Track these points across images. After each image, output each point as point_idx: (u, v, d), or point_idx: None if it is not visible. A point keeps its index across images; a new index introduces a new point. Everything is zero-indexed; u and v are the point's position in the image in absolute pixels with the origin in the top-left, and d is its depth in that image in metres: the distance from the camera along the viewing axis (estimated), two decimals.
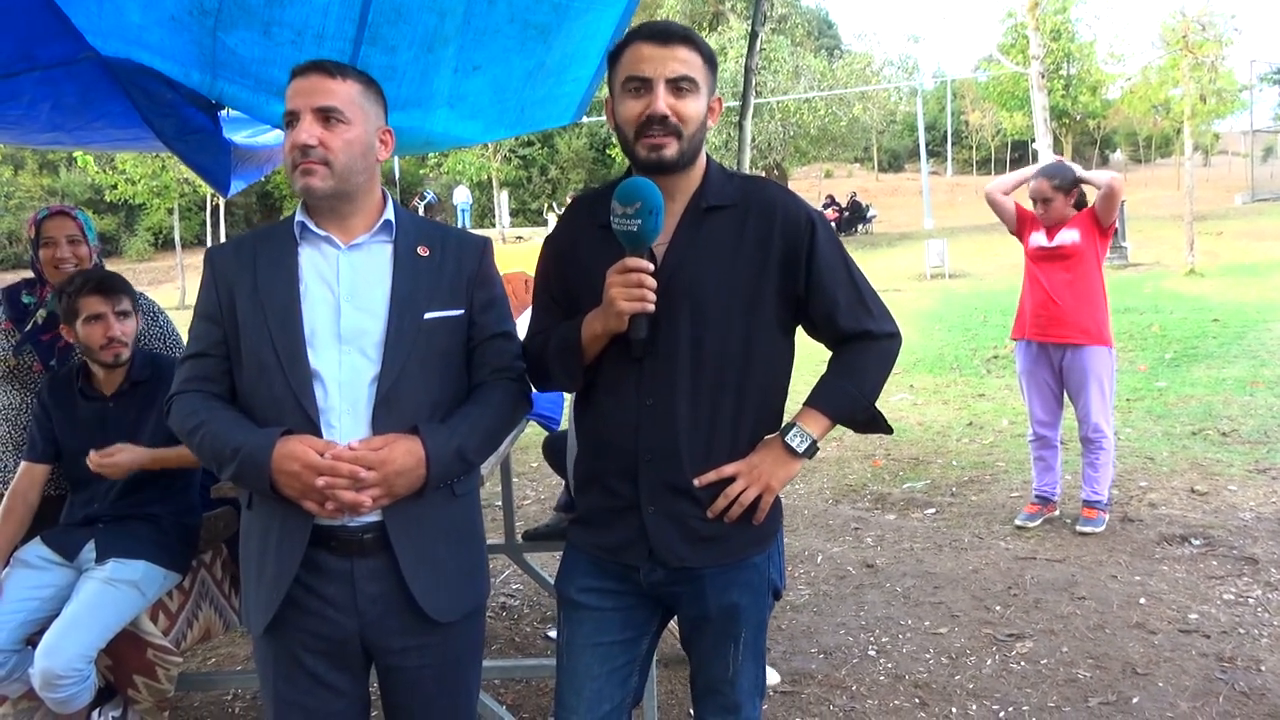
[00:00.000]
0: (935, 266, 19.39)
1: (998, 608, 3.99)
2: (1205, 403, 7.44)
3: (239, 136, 3.64)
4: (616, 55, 1.82)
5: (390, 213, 1.91)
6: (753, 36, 3.99)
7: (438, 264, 1.91)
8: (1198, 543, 4.59)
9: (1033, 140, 19.65)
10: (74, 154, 22.83)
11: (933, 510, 5.40)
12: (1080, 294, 4.76)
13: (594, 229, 1.87)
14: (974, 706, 3.22)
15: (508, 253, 11.90)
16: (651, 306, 1.74)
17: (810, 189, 37.67)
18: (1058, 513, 5.07)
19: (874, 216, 31.84)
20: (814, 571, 4.53)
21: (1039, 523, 4.98)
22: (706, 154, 1.89)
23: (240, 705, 3.47)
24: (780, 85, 30.12)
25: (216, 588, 3.03)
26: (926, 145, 36.27)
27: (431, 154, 27.55)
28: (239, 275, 1.86)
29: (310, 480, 1.71)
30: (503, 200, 31.00)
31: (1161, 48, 21.39)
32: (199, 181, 19.71)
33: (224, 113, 3.29)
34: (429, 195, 31.05)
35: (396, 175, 33.49)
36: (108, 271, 2.90)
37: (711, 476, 1.82)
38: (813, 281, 1.84)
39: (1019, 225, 5.03)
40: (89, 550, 2.72)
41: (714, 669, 1.95)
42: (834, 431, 1.91)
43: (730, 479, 1.83)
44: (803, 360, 1.97)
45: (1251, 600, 3.92)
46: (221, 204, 26.26)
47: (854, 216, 30.83)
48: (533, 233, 29.11)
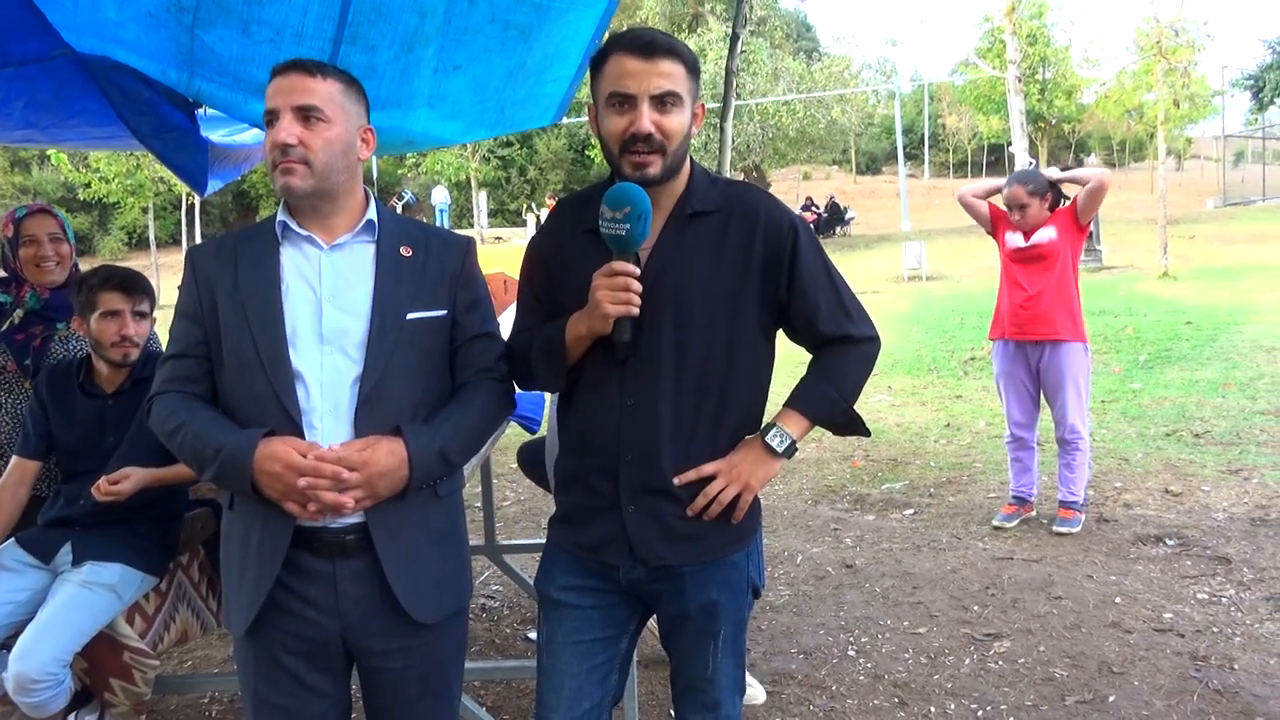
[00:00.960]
0: (912, 269, 19.50)
1: (975, 607, 4.02)
2: (1179, 404, 7.53)
3: (216, 135, 3.60)
4: (599, 63, 1.80)
5: (373, 212, 1.90)
6: (734, 39, 4.00)
7: (421, 264, 1.90)
8: (1172, 543, 4.64)
9: (1009, 144, 19.82)
10: (47, 151, 22.55)
11: (911, 511, 5.43)
12: (1056, 291, 4.81)
13: (580, 231, 1.88)
14: (952, 705, 3.24)
15: (487, 253, 11.89)
16: (636, 310, 1.74)
17: (788, 191, 37.79)
18: (1034, 513, 5.11)
19: (852, 219, 31.97)
20: (793, 572, 4.55)
21: (1016, 523, 5.02)
22: (691, 158, 1.89)
23: (218, 708, 3.44)
24: (759, 87, 30.20)
25: (194, 590, 3.00)
26: (904, 148, 36.47)
27: (410, 154, 27.43)
28: (220, 275, 1.84)
29: (292, 481, 1.70)
30: (481, 201, 30.92)
31: (1135, 53, 21.59)
32: (174, 180, 19.53)
33: (201, 111, 3.25)
34: (407, 195, 30.93)
35: (374, 175, 33.32)
36: (133, 270, 2.86)
37: (691, 475, 1.83)
38: (794, 286, 1.85)
39: (994, 225, 5.06)
40: (65, 553, 2.68)
41: (694, 667, 1.96)
42: (813, 433, 1.93)
43: (710, 478, 1.84)
44: (781, 362, 1.98)
45: (1225, 600, 3.97)
46: (197, 203, 26.01)
47: (832, 219, 30.97)
48: (511, 233, 29.05)
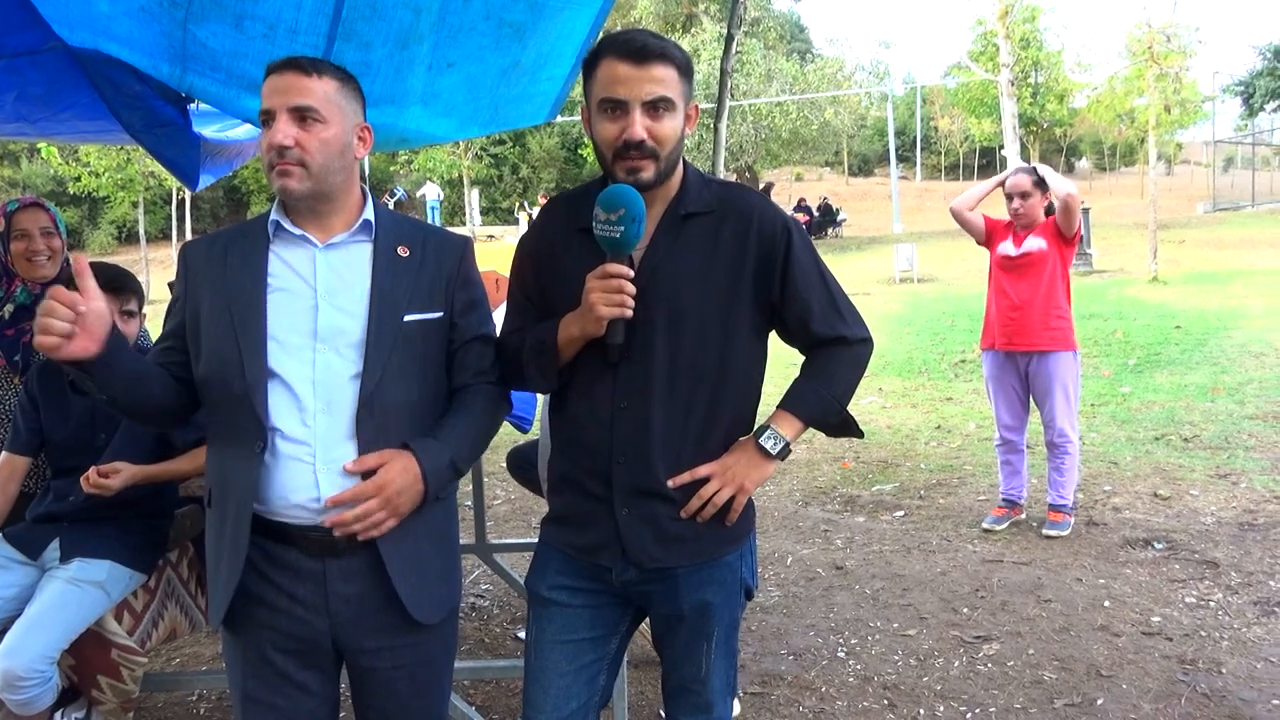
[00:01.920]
0: (904, 271, 19.53)
1: (965, 610, 4.03)
2: (1168, 408, 7.56)
3: (209, 130, 3.59)
4: (590, 67, 1.79)
5: (370, 212, 1.89)
6: (729, 40, 3.99)
7: (418, 264, 1.89)
8: (1160, 546, 4.65)
9: (1001, 147, 19.88)
10: (37, 145, 22.42)
11: (901, 513, 5.44)
12: (1045, 301, 4.82)
13: (572, 231, 1.87)
14: (941, 708, 3.25)
15: (479, 251, 11.81)
16: (630, 312, 1.74)
17: (780, 192, 37.82)
18: (1024, 516, 5.12)
19: (844, 220, 32.03)
20: (784, 573, 4.55)
21: (1006, 526, 5.03)
22: (685, 160, 1.88)
23: (205, 706, 3.42)
24: (752, 88, 30.22)
25: (183, 587, 2.99)
26: (896, 150, 36.54)
27: (403, 151, 27.37)
28: (208, 271, 1.84)
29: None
30: (474, 199, 30.87)
31: (1127, 58, 21.70)
32: (165, 174, 19.48)
33: (194, 106, 3.24)
34: (399, 192, 30.87)
35: (367, 172, 33.23)
36: (119, 269, 2.83)
37: (686, 478, 1.83)
38: (788, 288, 1.86)
39: (988, 236, 5.07)
40: (53, 549, 2.67)
41: (686, 668, 1.95)
42: (804, 434, 1.93)
43: (704, 479, 1.84)
44: (773, 361, 1.98)
45: (1212, 603, 3.98)
46: (188, 198, 25.93)
47: (824, 220, 31.02)
48: (504, 231, 29.00)
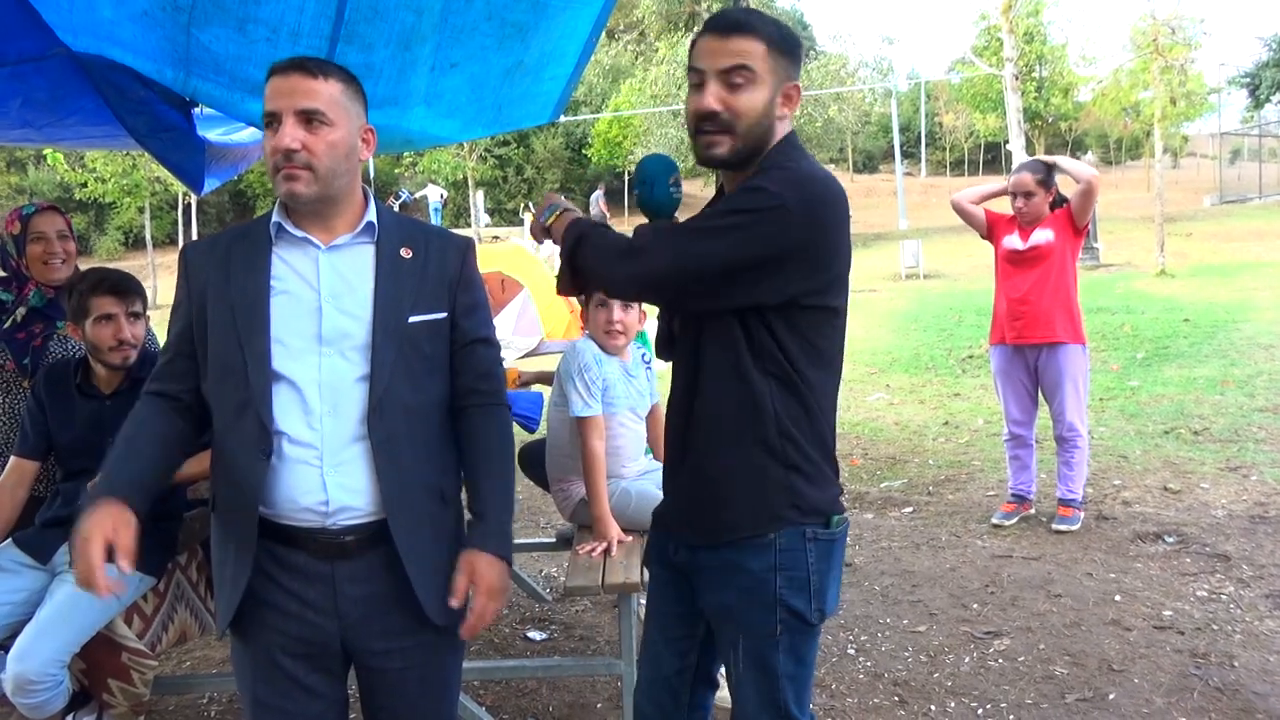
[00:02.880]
0: (910, 267, 19.47)
1: (975, 606, 4.02)
2: (1177, 402, 7.53)
3: (213, 134, 3.59)
4: (691, 48, 1.84)
5: (372, 214, 1.88)
6: None
7: (421, 266, 1.89)
8: (1171, 540, 4.64)
9: (1006, 142, 19.79)
10: (43, 151, 22.50)
11: (910, 509, 5.43)
12: (1054, 294, 4.79)
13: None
14: (952, 704, 3.24)
15: (484, 252, 11.88)
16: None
17: None
18: (1033, 511, 5.11)
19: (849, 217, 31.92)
20: None
21: (1015, 521, 5.02)
22: (782, 143, 1.83)
23: (216, 709, 3.43)
24: None
25: (192, 590, 2.99)
26: (901, 146, 36.45)
27: (407, 153, 27.41)
28: (211, 273, 1.83)
29: (80, 564, 1.65)
30: (478, 200, 30.86)
31: (1132, 51, 21.63)
32: (170, 179, 19.55)
33: (198, 110, 3.25)
34: (404, 194, 30.86)
35: (372, 174, 33.26)
36: (121, 272, 2.84)
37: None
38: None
39: (990, 230, 5.05)
40: (63, 553, 2.67)
41: (728, 673, 1.98)
42: None
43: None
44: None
45: (1224, 597, 3.97)
46: (194, 202, 25.97)
47: None
48: (509, 232, 28.99)
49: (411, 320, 1.84)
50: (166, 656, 3.66)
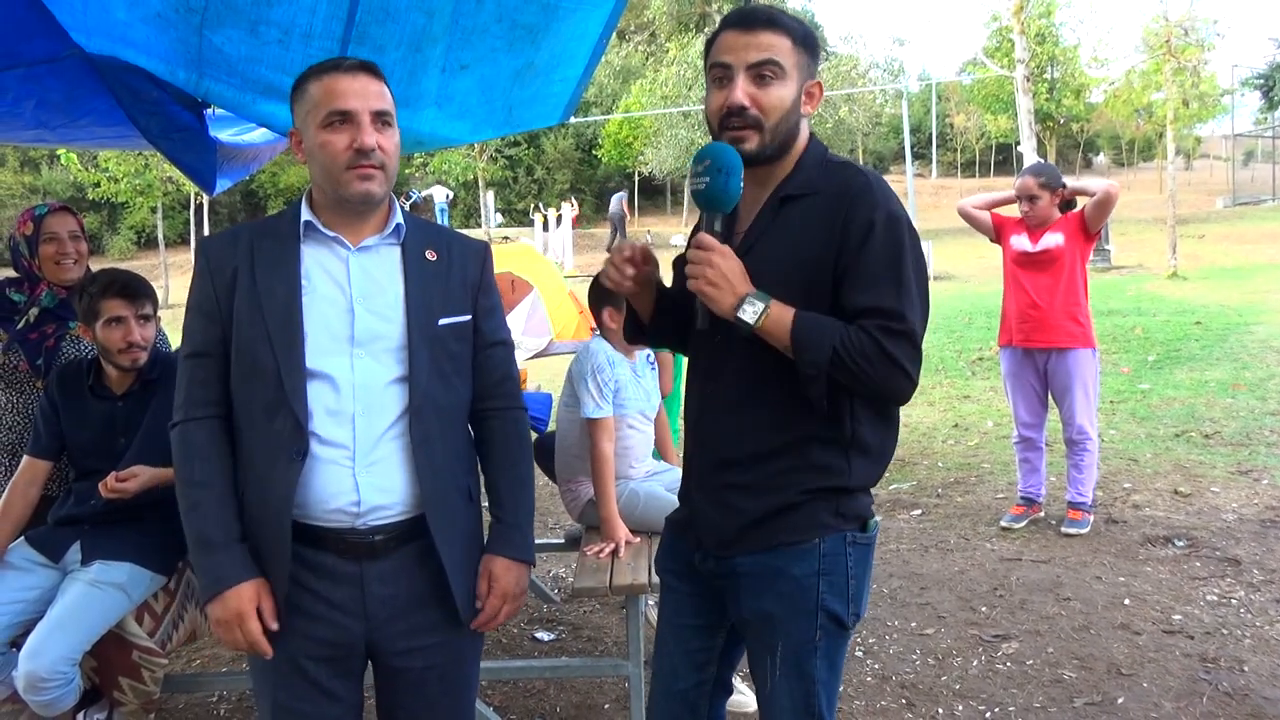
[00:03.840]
0: None
1: (984, 608, 4.01)
2: (1188, 405, 7.49)
3: (225, 135, 3.61)
4: (709, 44, 1.81)
5: (399, 215, 1.90)
6: None
7: (445, 269, 1.91)
8: (1181, 544, 4.62)
9: (1017, 143, 19.74)
10: (56, 151, 22.63)
11: (919, 511, 5.42)
12: (1064, 297, 4.77)
13: None
14: (960, 707, 3.23)
15: (495, 252, 11.86)
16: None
17: None
18: (1043, 514, 5.10)
19: None
20: None
21: (1024, 524, 5.00)
22: (812, 140, 1.83)
23: (225, 707, 3.45)
24: None
25: None
26: (911, 147, 36.34)
27: (418, 154, 27.45)
28: (236, 269, 1.81)
29: (236, 637, 1.76)
30: (489, 200, 30.90)
31: (1144, 52, 21.54)
32: (183, 179, 19.59)
33: (210, 111, 3.26)
34: (415, 195, 30.93)
35: None
36: (131, 274, 2.85)
37: None
38: (850, 273, 1.72)
39: (998, 232, 5.04)
40: (74, 552, 2.69)
41: (758, 680, 1.91)
42: (778, 339, 1.73)
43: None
44: None
45: (1234, 601, 3.95)
46: (206, 202, 26.07)
47: None
48: (519, 233, 29.02)
49: (441, 322, 1.86)
50: (177, 655, 3.68)
